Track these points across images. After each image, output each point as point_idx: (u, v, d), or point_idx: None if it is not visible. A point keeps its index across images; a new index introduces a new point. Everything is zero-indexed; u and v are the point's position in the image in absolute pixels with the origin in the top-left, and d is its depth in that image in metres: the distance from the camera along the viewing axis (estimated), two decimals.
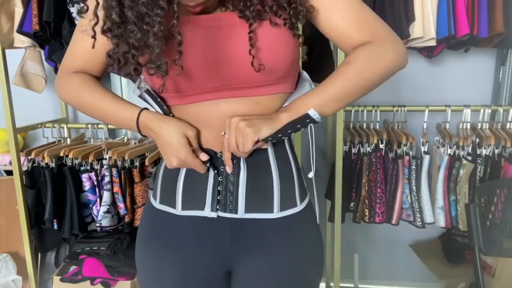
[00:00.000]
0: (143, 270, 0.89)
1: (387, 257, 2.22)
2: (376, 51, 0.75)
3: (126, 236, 1.81)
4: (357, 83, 0.75)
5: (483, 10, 1.55)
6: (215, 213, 0.81)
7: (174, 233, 0.84)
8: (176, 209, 0.84)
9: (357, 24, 0.76)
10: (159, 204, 0.86)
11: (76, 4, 1.59)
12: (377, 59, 0.75)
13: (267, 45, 0.72)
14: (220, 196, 0.81)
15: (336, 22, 0.76)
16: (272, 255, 0.83)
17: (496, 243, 1.45)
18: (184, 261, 0.84)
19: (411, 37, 1.56)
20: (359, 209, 1.73)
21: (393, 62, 0.76)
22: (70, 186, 1.73)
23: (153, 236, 0.87)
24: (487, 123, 1.73)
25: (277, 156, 0.82)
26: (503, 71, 1.93)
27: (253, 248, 0.83)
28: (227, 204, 0.81)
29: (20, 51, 1.87)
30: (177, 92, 0.77)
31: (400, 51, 0.77)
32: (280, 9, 0.73)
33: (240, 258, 0.84)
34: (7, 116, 1.71)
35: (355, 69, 0.74)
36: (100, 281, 1.77)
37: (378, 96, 1.95)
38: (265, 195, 0.82)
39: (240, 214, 0.81)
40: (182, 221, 0.83)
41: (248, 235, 0.82)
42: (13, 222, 1.99)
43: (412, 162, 1.67)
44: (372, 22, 0.78)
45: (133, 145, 1.84)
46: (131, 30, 0.67)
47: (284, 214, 0.83)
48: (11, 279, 1.91)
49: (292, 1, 0.72)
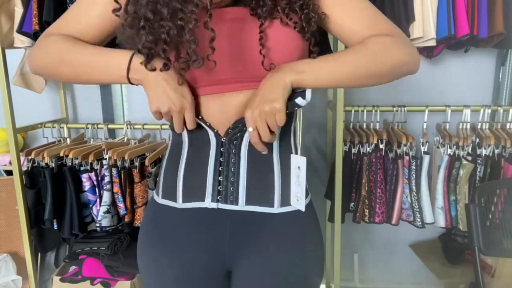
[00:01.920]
0: (144, 267, 0.89)
1: (387, 257, 2.22)
2: (392, 42, 0.76)
3: (126, 236, 1.81)
4: (365, 64, 0.74)
5: (483, 10, 1.55)
6: (216, 203, 0.81)
7: (174, 227, 0.84)
8: (177, 202, 0.84)
9: (371, 26, 0.77)
10: (162, 199, 0.87)
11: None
12: (392, 48, 0.75)
13: (276, 44, 0.74)
14: (221, 186, 0.81)
15: (349, 26, 0.78)
16: (272, 253, 0.83)
17: (496, 243, 1.45)
18: (184, 259, 0.84)
19: (411, 37, 1.56)
20: (359, 209, 1.73)
21: (406, 56, 0.76)
22: (70, 186, 1.73)
23: (154, 233, 0.87)
24: (487, 123, 1.73)
25: (280, 151, 0.83)
26: (503, 71, 1.93)
27: (253, 244, 0.83)
28: (228, 194, 0.81)
29: (20, 51, 1.87)
30: (193, 83, 0.77)
31: (415, 52, 0.79)
32: (293, 12, 0.74)
33: (240, 256, 0.84)
34: (7, 116, 1.71)
35: (369, 50, 0.74)
36: (100, 281, 1.77)
37: (378, 96, 1.97)
38: (266, 188, 0.82)
39: (241, 206, 0.81)
40: (182, 214, 0.84)
41: (247, 229, 0.82)
42: (13, 222, 1.99)
43: (412, 162, 1.67)
44: (386, 23, 0.79)
45: (133, 145, 1.84)
46: (164, 25, 0.68)
47: (284, 210, 0.83)
48: (11, 279, 1.91)
49: (305, 6, 0.74)
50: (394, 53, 0.75)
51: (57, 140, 1.94)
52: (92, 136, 1.94)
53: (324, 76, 0.74)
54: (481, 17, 1.55)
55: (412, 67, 0.79)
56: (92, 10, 0.78)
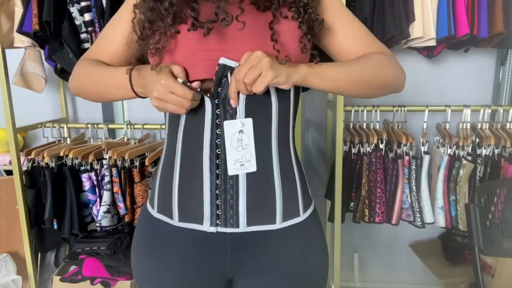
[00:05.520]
0: (141, 275, 0.87)
1: (387, 257, 2.22)
2: (388, 58, 0.83)
3: (126, 236, 1.81)
4: (370, 74, 0.80)
5: (483, 10, 1.55)
6: (215, 228, 0.78)
7: (172, 243, 0.82)
8: (173, 220, 0.81)
9: (366, 44, 0.83)
10: (157, 213, 0.84)
11: (76, 4, 1.59)
12: (389, 64, 0.83)
13: (286, 40, 0.76)
14: (220, 210, 0.78)
15: (346, 44, 0.83)
16: (274, 267, 0.81)
17: (496, 243, 1.45)
18: (184, 270, 0.82)
19: (411, 37, 1.56)
20: (359, 209, 1.73)
21: (399, 73, 0.84)
22: (70, 186, 1.73)
23: (152, 244, 0.85)
24: (487, 123, 1.73)
25: (280, 162, 0.80)
26: (503, 71, 1.93)
27: (255, 261, 0.81)
28: (227, 218, 0.78)
29: (20, 51, 1.87)
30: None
31: (403, 72, 0.86)
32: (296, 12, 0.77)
33: (241, 273, 0.82)
34: (7, 116, 1.71)
35: (372, 62, 0.80)
36: (100, 281, 1.77)
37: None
38: (267, 206, 0.80)
39: (242, 228, 0.79)
40: (180, 232, 0.81)
41: (250, 248, 0.80)
42: (13, 222, 1.99)
43: (412, 162, 1.67)
44: (379, 43, 0.86)
45: (133, 145, 1.84)
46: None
47: (286, 224, 0.82)
48: (11, 279, 1.91)
49: (308, 7, 0.77)
50: (391, 69, 0.83)
51: (57, 140, 1.94)
52: (92, 136, 1.94)
53: (329, 79, 0.76)
54: (481, 17, 1.55)
55: (400, 84, 0.86)
56: (115, 33, 0.85)
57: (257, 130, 0.77)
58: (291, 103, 0.82)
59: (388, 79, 0.82)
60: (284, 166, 0.81)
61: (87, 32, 1.61)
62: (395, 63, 0.84)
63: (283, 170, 0.80)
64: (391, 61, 0.83)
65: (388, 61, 0.82)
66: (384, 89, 0.84)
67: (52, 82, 2.11)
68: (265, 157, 0.78)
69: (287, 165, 0.82)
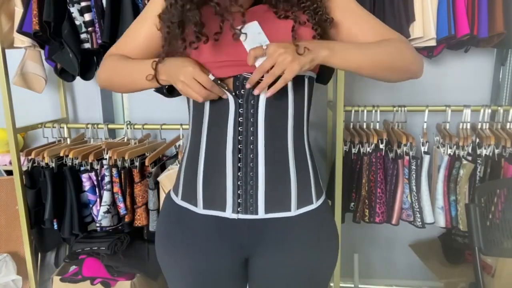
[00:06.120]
0: (166, 257, 0.94)
1: (387, 257, 2.22)
2: (404, 43, 0.87)
3: (126, 236, 1.81)
4: (388, 57, 0.83)
5: (483, 10, 1.55)
6: (236, 215, 0.87)
7: (196, 228, 0.90)
8: (198, 208, 0.89)
9: (382, 33, 0.87)
10: (181, 200, 0.92)
11: (76, 4, 1.59)
12: (406, 48, 0.87)
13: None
14: (241, 199, 0.86)
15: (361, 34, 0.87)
16: (289, 249, 0.88)
17: (496, 243, 1.45)
18: (206, 254, 0.89)
19: (411, 37, 1.56)
20: (359, 209, 1.73)
21: (416, 57, 0.88)
22: (70, 186, 1.73)
23: (177, 228, 0.92)
24: (487, 123, 1.73)
25: (295, 154, 0.87)
26: (503, 71, 1.93)
27: (271, 242, 0.88)
28: (248, 206, 0.86)
29: (20, 51, 1.87)
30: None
31: (421, 57, 0.90)
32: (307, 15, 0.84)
33: (257, 253, 0.89)
34: (7, 116, 1.71)
35: (389, 46, 0.84)
36: (100, 281, 1.77)
37: (378, 96, 1.97)
38: (283, 194, 0.87)
39: (261, 215, 0.87)
40: (203, 219, 0.89)
41: (267, 233, 0.88)
42: (13, 222, 1.99)
43: (412, 162, 1.67)
44: (393, 32, 0.89)
45: (133, 145, 1.84)
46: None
47: (301, 212, 0.89)
48: (11, 279, 1.91)
49: (318, 9, 0.83)
50: (409, 53, 0.86)
51: (57, 140, 1.94)
52: (92, 136, 1.94)
53: (351, 57, 0.80)
54: (481, 17, 1.55)
55: (418, 68, 0.89)
56: (139, 32, 0.94)
57: (274, 126, 0.85)
58: (305, 95, 0.88)
59: (406, 61, 0.86)
60: (298, 157, 0.88)
61: (87, 32, 1.61)
62: (410, 47, 0.88)
63: (297, 161, 0.88)
64: (407, 46, 0.87)
65: (404, 46, 0.87)
66: (403, 72, 0.88)
67: (52, 82, 2.11)
68: (282, 150, 0.86)
69: (301, 156, 0.89)
